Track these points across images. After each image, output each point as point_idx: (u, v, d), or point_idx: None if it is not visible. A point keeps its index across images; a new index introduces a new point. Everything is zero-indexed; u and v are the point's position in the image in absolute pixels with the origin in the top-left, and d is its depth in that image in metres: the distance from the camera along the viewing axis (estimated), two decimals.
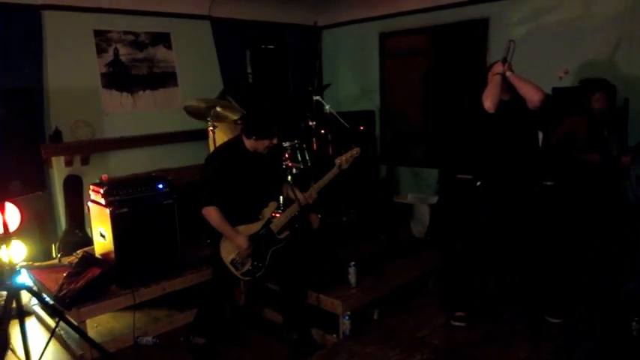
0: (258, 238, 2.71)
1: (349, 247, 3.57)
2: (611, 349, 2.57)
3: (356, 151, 2.82)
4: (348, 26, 5.45)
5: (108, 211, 2.84)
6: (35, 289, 2.90)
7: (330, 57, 5.69)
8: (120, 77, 4.11)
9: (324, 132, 4.11)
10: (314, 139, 4.06)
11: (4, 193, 2.31)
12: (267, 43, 5.40)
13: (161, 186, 3.04)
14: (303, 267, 2.98)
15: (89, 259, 3.01)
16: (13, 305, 2.26)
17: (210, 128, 3.49)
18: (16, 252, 3.30)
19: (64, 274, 2.89)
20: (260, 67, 5.31)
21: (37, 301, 2.77)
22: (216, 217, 2.62)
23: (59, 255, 3.50)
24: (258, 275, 2.74)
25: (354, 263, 3.02)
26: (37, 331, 3.14)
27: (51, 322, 3.03)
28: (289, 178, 3.74)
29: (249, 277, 2.75)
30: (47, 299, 2.79)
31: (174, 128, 4.29)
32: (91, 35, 3.95)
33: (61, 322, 2.39)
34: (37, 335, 3.05)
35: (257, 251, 2.70)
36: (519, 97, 2.69)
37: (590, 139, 3.11)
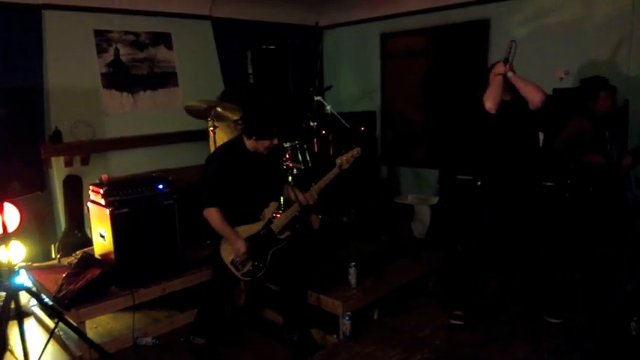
0: (258, 239, 2.70)
1: (350, 247, 3.56)
2: (610, 349, 2.56)
3: (357, 151, 2.81)
4: (349, 27, 5.45)
5: (108, 211, 2.83)
6: (34, 290, 2.88)
7: (331, 57, 5.68)
8: (120, 77, 4.10)
9: (325, 132, 4.10)
10: (315, 140, 4.05)
11: (4, 194, 2.30)
12: (268, 43, 5.39)
13: (161, 186, 3.03)
14: (303, 267, 2.97)
15: (89, 259, 3.00)
16: (12, 306, 2.25)
17: (210, 128, 3.48)
18: (15, 252, 3.29)
19: (64, 275, 2.88)
20: (261, 67, 5.30)
21: (36, 302, 2.77)
22: (216, 218, 2.61)
23: (58, 255, 3.49)
24: (258, 276, 2.73)
25: (354, 264, 3.01)
26: (36, 332, 3.12)
27: (50, 322, 3.01)
28: (290, 178, 3.74)
29: (250, 278, 2.74)
30: (46, 300, 2.77)
31: (174, 128, 4.28)
32: (91, 35, 3.94)
33: (60, 323, 2.38)
34: (35, 336, 3.04)
35: (258, 251, 2.70)
36: (520, 97, 2.69)
37: (593, 140, 3.10)
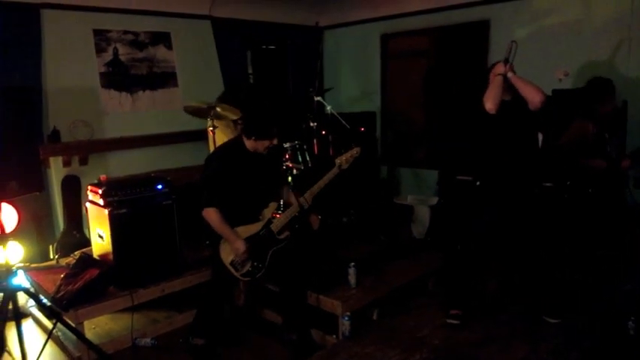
0: (258, 239, 2.69)
1: (349, 247, 3.55)
2: (609, 349, 2.56)
3: (356, 151, 2.81)
4: (349, 27, 5.44)
5: (106, 211, 2.82)
6: (32, 291, 2.87)
7: (331, 58, 5.68)
8: (119, 77, 4.09)
9: (324, 133, 4.10)
10: (315, 140, 4.04)
11: (1, 194, 2.29)
12: (268, 43, 5.38)
13: (160, 186, 3.02)
14: (303, 267, 2.96)
15: (87, 260, 2.99)
16: (10, 307, 2.24)
17: (210, 128, 3.47)
18: (13, 253, 3.28)
19: (62, 276, 2.87)
20: (261, 67, 5.30)
21: (34, 303, 2.76)
22: (216, 218, 2.60)
23: (57, 256, 3.48)
24: (258, 276, 2.72)
25: (354, 264, 3.00)
26: (34, 333, 3.11)
27: (48, 323, 3.00)
28: (289, 179, 3.73)
29: (249, 278, 2.73)
30: (44, 301, 2.76)
31: (173, 129, 4.27)
32: (90, 34, 3.93)
33: (58, 324, 2.37)
34: (33, 337, 3.03)
35: (257, 252, 2.69)
36: (520, 97, 2.69)
37: (595, 142, 3.09)
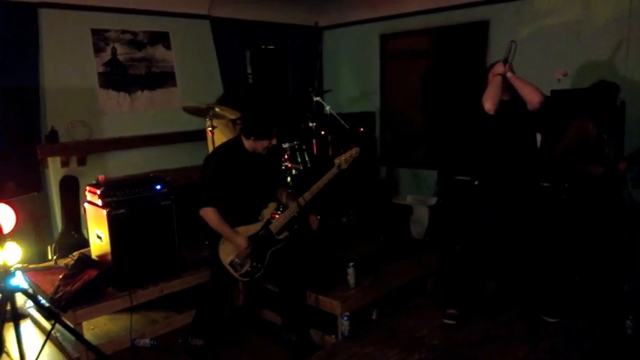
0: (257, 239, 2.69)
1: (348, 247, 3.55)
2: (607, 348, 2.56)
3: (355, 151, 2.80)
4: (348, 27, 5.43)
5: (105, 212, 2.81)
6: (30, 292, 2.87)
7: (330, 58, 5.67)
8: (117, 77, 4.07)
9: (324, 133, 4.09)
10: (314, 141, 4.03)
11: None
12: (267, 43, 5.36)
13: (159, 187, 3.02)
14: (302, 268, 2.96)
15: (85, 260, 2.98)
16: (8, 308, 2.23)
17: (209, 129, 3.47)
18: (11, 254, 3.26)
19: (60, 276, 2.86)
20: (260, 67, 5.28)
21: (32, 304, 2.74)
22: (214, 217, 2.59)
23: (55, 257, 3.47)
24: (257, 276, 2.71)
25: (353, 264, 3.00)
26: (33, 334, 3.10)
27: (46, 324, 2.99)
28: (289, 179, 3.72)
29: (248, 279, 2.73)
30: (43, 301, 2.75)
31: (172, 129, 4.26)
32: (89, 34, 3.91)
33: (56, 325, 2.36)
34: (32, 338, 3.02)
35: (256, 252, 2.68)
36: (519, 98, 2.69)
37: (595, 143, 3.09)
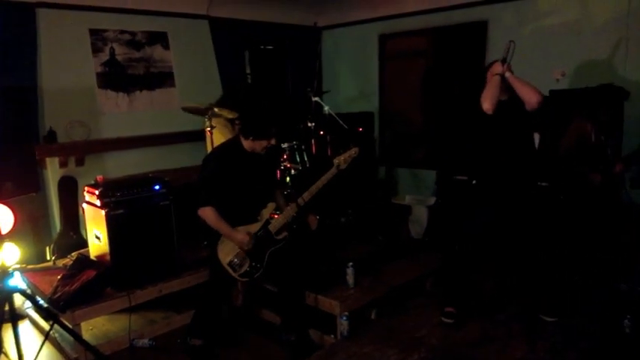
0: (256, 239, 2.68)
1: (347, 247, 3.55)
2: (605, 347, 2.57)
3: (354, 151, 2.80)
4: (347, 27, 5.43)
5: (103, 212, 2.80)
6: (29, 292, 2.85)
7: (329, 58, 5.67)
8: (116, 77, 4.07)
9: (322, 133, 4.09)
10: (313, 141, 4.03)
11: None
12: (266, 43, 5.36)
13: (158, 187, 3.01)
14: (301, 268, 2.96)
15: (84, 261, 2.98)
16: (6, 308, 2.22)
17: (207, 129, 3.47)
18: (9, 254, 3.26)
19: (59, 277, 2.86)
20: (259, 67, 5.27)
21: (30, 304, 2.74)
22: (212, 216, 2.59)
23: (53, 257, 3.46)
24: (256, 276, 2.71)
25: (352, 264, 3.00)
26: (31, 335, 3.10)
27: (45, 325, 2.98)
28: (287, 179, 3.72)
29: (247, 279, 2.73)
30: (41, 302, 2.74)
31: (171, 129, 4.25)
32: (87, 34, 3.91)
33: (55, 325, 2.36)
34: (30, 339, 3.02)
35: (255, 252, 2.68)
36: (517, 97, 2.69)
37: (595, 145, 3.09)
